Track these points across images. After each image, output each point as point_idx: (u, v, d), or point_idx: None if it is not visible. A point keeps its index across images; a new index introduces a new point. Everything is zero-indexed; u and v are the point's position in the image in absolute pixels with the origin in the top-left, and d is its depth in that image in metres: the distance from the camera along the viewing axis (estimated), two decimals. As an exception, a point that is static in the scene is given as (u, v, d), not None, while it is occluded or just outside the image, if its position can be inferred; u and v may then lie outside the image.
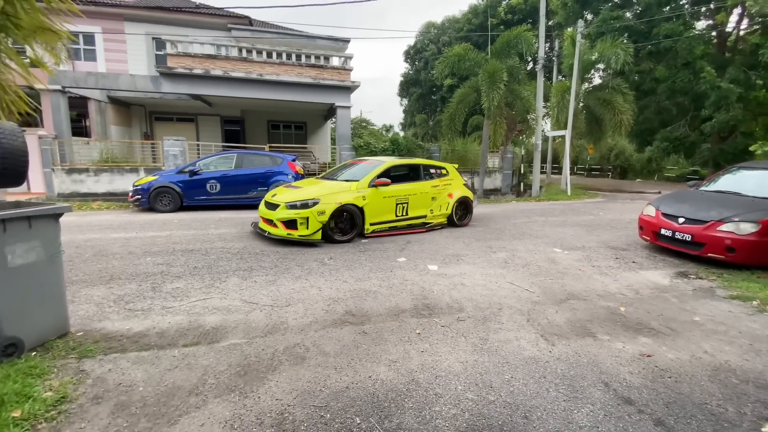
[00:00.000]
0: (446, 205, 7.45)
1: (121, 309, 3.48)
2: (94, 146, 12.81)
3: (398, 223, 6.88)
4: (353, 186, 6.43)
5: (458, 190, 7.65)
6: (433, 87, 42.60)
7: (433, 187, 7.31)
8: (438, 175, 7.53)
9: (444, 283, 4.35)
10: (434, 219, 7.32)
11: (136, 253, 5.27)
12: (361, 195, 6.33)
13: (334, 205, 5.99)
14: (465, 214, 7.81)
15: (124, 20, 16.14)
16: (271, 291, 3.99)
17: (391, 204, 6.73)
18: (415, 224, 7.10)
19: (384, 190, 6.62)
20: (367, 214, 6.40)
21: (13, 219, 2.57)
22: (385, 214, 6.69)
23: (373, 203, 6.45)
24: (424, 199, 7.17)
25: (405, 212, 6.93)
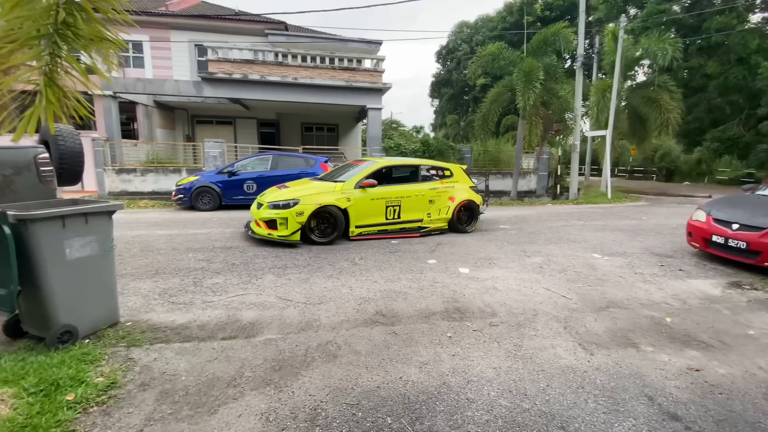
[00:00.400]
0: (446, 209, 6.95)
1: (165, 302, 3.68)
2: (141, 148, 13.61)
3: (389, 226, 6.56)
4: (338, 187, 6.26)
5: (462, 194, 7.11)
6: (465, 87, 42.05)
7: (432, 190, 6.90)
8: (439, 177, 7.14)
9: (476, 286, 4.28)
10: (432, 223, 6.88)
11: (179, 249, 5.55)
12: (345, 196, 6.14)
13: (313, 206, 5.87)
14: (470, 220, 7.23)
15: (170, 29, 17.06)
16: (305, 289, 4.08)
17: (380, 206, 6.44)
18: (409, 228, 6.70)
19: (372, 191, 6.36)
20: (353, 216, 6.19)
21: (71, 215, 2.78)
22: (373, 217, 6.43)
23: (359, 205, 6.23)
24: (420, 202, 6.78)
25: (397, 215, 6.59)
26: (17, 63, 2.52)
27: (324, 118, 20.16)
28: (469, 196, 7.20)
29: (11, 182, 3.66)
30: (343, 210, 6.11)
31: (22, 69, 2.60)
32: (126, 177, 12.39)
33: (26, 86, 2.52)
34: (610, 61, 16.25)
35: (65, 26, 2.21)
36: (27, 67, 2.56)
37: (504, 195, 14.46)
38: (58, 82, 2.22)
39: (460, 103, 43.99)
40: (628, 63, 16.40)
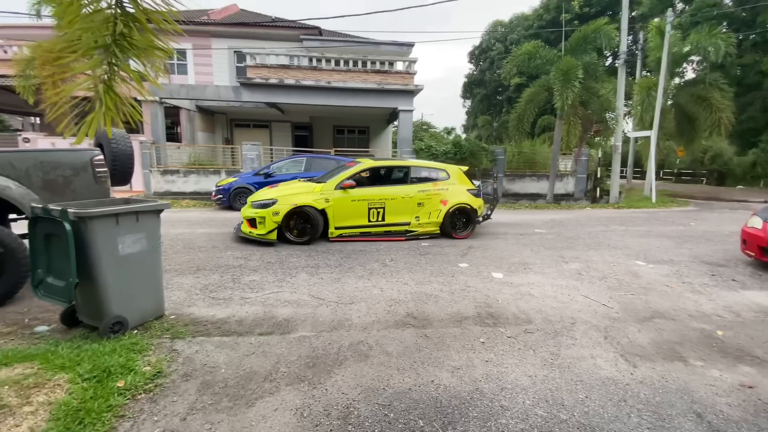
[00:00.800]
0: (437, 212, 6.58)
1: (206, 297, 3.85)
2: (183, 150, 14.33)
3: (372, 228, 6.42)
4: (318, 188, 6.25)
5: (456, 197, 6.67)
6: (499, 87, 41.17)
7: (421, 192, 6.61)
8: (432, 179, 6.83)
9: (509, 292, 4.18)
10: (421, 227, 6.58)
11: (219, 247, 5.79)
12: (323, 197, 6.11)
13: (288, 206, 5.92)
14: (465, 225, 6.78)
15: (211, 36, 17.88)
16: (336, 288, 4.15)
17: (362, 208, 6.32)
18: (394, 231, 6.50)
19: (354, 193, 6.27)
20: (332, 217, 6.16)
21: (124, 213, 2.97)
22: (354, 219, 6.33)
23: (339, 206, 6.18)
24: (407, 205, 6.52)
25: (381, 218, 6.42)
26: (78, 72, 2.73)
27: (355, 120, 20.41)
28: (465, 199, 6.72)
29: (70, 182, 3.97)
30: (321, 211, 6.09)
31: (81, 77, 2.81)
32: (170, 178, 13.08)
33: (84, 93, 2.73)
34: (656, 57, 15.40)
35: (122, 37, 2.37)
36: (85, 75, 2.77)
37: (539, 198, 14.02)
38: (115, 90, 2.38)
39: (493, 103, 43.12)
40: (676, 59, 15.46)
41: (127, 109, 2.50)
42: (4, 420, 2.00)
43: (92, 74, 2.69)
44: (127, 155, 5.14)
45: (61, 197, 3.91)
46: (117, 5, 2.31)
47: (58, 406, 2.12)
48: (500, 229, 7.77)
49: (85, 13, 2.40)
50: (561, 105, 10.37)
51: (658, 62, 14.82)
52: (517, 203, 13.31)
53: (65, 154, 4.01)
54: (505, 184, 14.05)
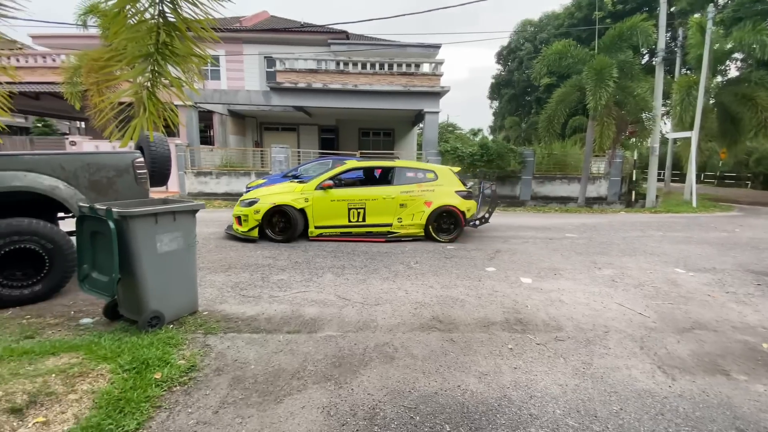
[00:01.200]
0: (420, 214, 6.45)
1: (237, 295, 3.98)
2: (216, 153, 14.86)
3: (352, 229, 6.47)
4: (298, 188, 6.42)
5: (443, 198, 6.48)
6: (528, 87, 40.27)
7: (404, 193, 6.48)
8: (418, 180, 6.67)
9: (539, 298, 4.07)
10: (403, 229, 6.50)
11: (249, 247, 5.96)
12: (303, 197, 6.28)
13: (268, 205, 6.17)
14: (451, 228, 6.57)
15: (243, 43, 18.46)
16: (362, 289, 4.18)
17: (341, 208, 6.38)
18: (375, 232, 6.49)
19: (334, 193, 6.35)
20: (312, 216, 6.31)
21: (163, 213, 3.11)
22: (335, 219, 6.41)
23: (318, 206, 6.32)
24: (388, 206, 6.45)
25: (361, 218, 6.43)
26: (124, 79, 2.89)
27: (380, 123, 20.52)
28: (451, 201, 6.50)
29: (113, 183, 4.20)
30: (300, 210, 6.26)
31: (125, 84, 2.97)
32: (203, 179, 13.59)
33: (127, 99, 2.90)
34: (696, 55, 14.62)
35: (164, 46, 2.49)
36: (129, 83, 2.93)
37: (570, 201, 13.60)
38: (157, 96, 2.51)
39: (522, 104, 42.23)
40: (718, 57, 14.61)
41: (168, 114, 2.62)
42: (51, 407, 2.14)
43: (135, 81, 2.83)
44: (165, 158, 5.39)
45: (104, 197, 4.15)
46: (160, 16, 2.43)
47: (101, 395, 2.25)
48: (528, 233, 7.60)
49: (130, 24, 2.54)
50: (594, 105, 10.01)
51: (698, 60, 14.06)
52: (546, 206, 12.96)
53: (109, 157, 4.25)
54: (534, 186, 13.72)
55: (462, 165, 13.36)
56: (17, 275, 3.67)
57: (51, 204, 3.93)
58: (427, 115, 14.13)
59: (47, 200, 3.83)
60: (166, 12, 2.45)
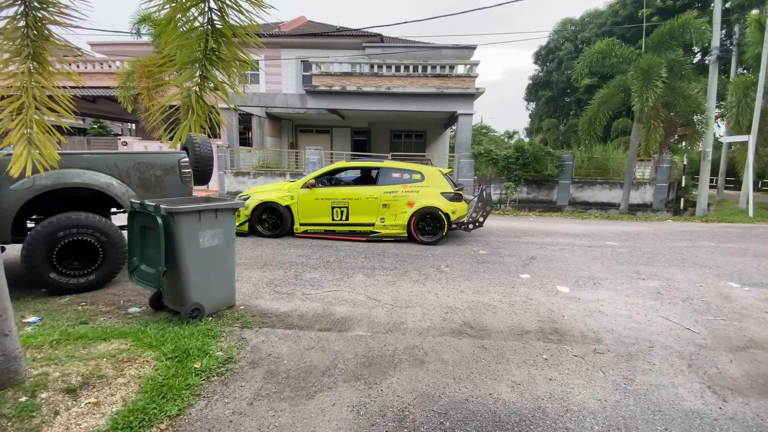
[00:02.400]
0: (403, 215, 6.46)
1: (271, 291, 4.10)
2: (253, 154, 15.41)
3: (336, 227, 6.64)
4: (286, 186, 6.78)
5: (426, 200, 6.41)
6: (567, 89, 38.89)
7: (387, 194, 6.54)
8: (403, 181, 6.68)
9: (577, 307, 3.91)
10: (385, 229, 6.54)
11: (283, 245, 6.14)
12: (289, 195, 6.59)
13: (255, 201, 6.56)
14: (433, 230, 6.46)
15: (281, 47, 19.05)
16: (392, 291, 4.18)
17: (325, 207, 6.59)
18: (358, 231, 6.60)
19: (318, 192, 6.60)
20: (297, 213, 6.60)
21: (206, 210, 3.26)
22: (319, 216, 6.63)
23: (304, 204, 6.59)
24: (371, 206, 6.54)
25: (344, 217, 6.59)
26: (175, 84, 3.07)
27: (412, 125, 20.50)
28: (434, 202, 6.39)
29: (161, 181, 4.47)
30: (286, 207, 6.57)
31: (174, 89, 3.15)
32: (241, 179, 14.12)
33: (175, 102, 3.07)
34: (754, 53, 13.54)
35: (212, 52, 2.62)
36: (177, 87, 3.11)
37: (611, 208, 12.99)
38: (204, 99, 2.64)
39: (560, 106, 40.87)
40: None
41: (214, 117, 2.75)
42: (102, 389, 2.29)
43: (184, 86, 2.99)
44: (208, 158, 5.64)
45: (153, 194, 4.41)
46: (208, 23, 2.56)
47: (146, 380, 2.39)
48: (566, 239, 7.32)
49: (181, 32, 2.69)
50: (640, 107, 9.48)
51: (756, 59, 13.02)
52: (585, 212, 12.45)
53: (157, 156, 4.51)
54: (572, 191, 13.21)
55: (496, 168, 13.11)
56: (75, 265, 3.97)
57: (105, 200, 4.23)
58: (461, 117, 13.96)
59: (102, 196, 4.13)
60: (214, 20, 2.57)
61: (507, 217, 10.61)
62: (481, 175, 12.65)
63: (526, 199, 13.32)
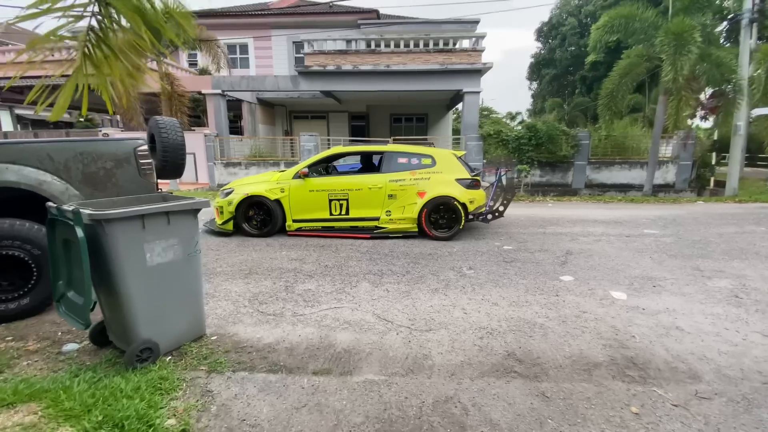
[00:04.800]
0: (412, 206, 5.55)
1: (254, 311, 3.23)
2: (245, 143, 14.42)
3: (335, 223, 5.74)
4: (275, 177, 5.87)
5: (439, 188, 5.51)
6: (570, 66, 37.49)
7: (393, 182, 5.61)
8: (411, 167, 5.71)
9: (645, 322, 3.05)
10: (392, 224, 5.63)
11: (273, 246, 5.26)
12: (279, 187, 5.70)
13: (240, 195, 5.66)
14: (449, 224, 5.58)
15: (270, 28, 17.84)
16: (406, 306, 3.32)
17: (321, 199, 5.67)
18: (360, 227, 5.71)
19: (312, 182, 5.71)
20: (289, 208, 5.73)
21: (152, 215, 2.37)
22: (314, 211, 5.74)
23: (296, 197, 5.70)
24: (374, 197, 5.61)
25: (344, 211, 5.68)
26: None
27: (413, 108, 19.42)
28: (448, 191, 5.49)
29: (112, 175, 3.56)
30: (276, 201, 5.69)
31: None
32: (232, 170, 13.18)
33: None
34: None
35: None
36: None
37: (631, 189, 12.06)
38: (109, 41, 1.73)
39: (564, 84, 39.51)
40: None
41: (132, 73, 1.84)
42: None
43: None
44: (178, 145, 4.69)
45: (102, 192, 3.50)
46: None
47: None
48: (597, 228, 6.43)
49: None
50: (673, 76, 8.45)
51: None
52: (604, 195, 11.52)
53: (106, 145, 3.59)
54: (589, 173, 12.27)
55: (506, 150, 12.14)
56: (2, 286, 3.10)
57: (39, 202, 3.33)
58: (467, 95, 12.91)
59: (34, 197, 3.23)
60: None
61: (522, 203, 9.69)
62: (492, 158, 11.68)
63: (539, 182, 12.39)
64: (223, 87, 13.40)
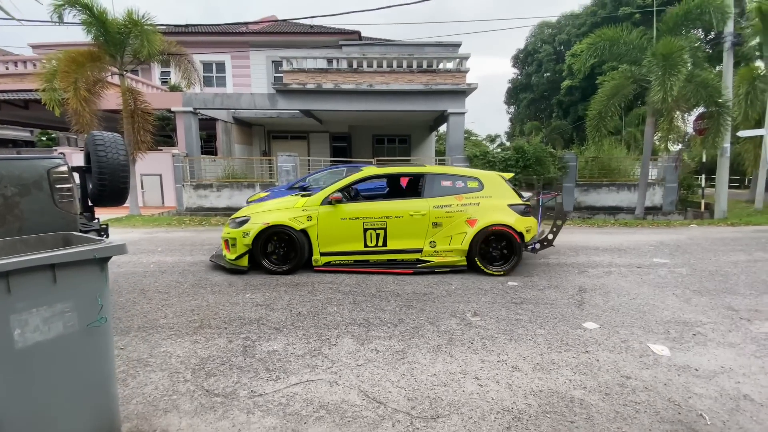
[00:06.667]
0: (461, 236, 4.81)
1: (197, 388, 2.39)
2: (218, 163, 13.54)
3: (370, 256, 4.90)
4: (300, 202, 4.98)
5: (492, 215, 4.83)
6: (546, 91, 38.61)
7: (438, 208, 4.86)
8: (457, 191, 5.02)
9: (706, 391, 2.38)
10: (438, 256, 4.87)
11: (237, 286, 4.41)
12: (305, 214, 4.83)
13: (259, 225, 4.76)
14: (506, 256, 4.90)
15: (249, 47, 17.33)
16: (403, 375, 2.55)
17: (355, 229, 4.83)
18: (400, 261, 4.91)
19: (344, 209, 4.85)
20: (317, 240, 4.84)
21: (23, 270, 1.56)
22: (346, 242, 4.87)
23: (325, 226, 4.83)
24: (417, 225, 4.85)
25: (381, 242, 4.86)
26: None
27: (396, 129, 19.08)
28: (504, 218, 4.83)
29: (14, 205, 2.72)
30: (302, 231, 4.81)
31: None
32: (202, 193, 12.24)
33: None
34: (756, 44, 12.81)
35: None
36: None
37: (619, 212, 11.80)
38: None
39: (541, 108, 40.53)
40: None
41: None
42: None
43: None
44: (119, 166, 3.88)
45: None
46: None
47: None
48: (603, 257, 5.88)
49: None
50: (662, 96, 8.26)
51: (759, 48, 12.25)
52: (593, 218, 11.17)
53: (7, 165, 2.76)
54: (577, 195, 11.98)
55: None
56: None
57: None
58: (452, 116, 12.57)
59: None
60: None
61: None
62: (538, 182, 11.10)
63: (528, 205, 11.97)
64: (195, 104, 12.61)
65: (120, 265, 5.33)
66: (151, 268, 5.20)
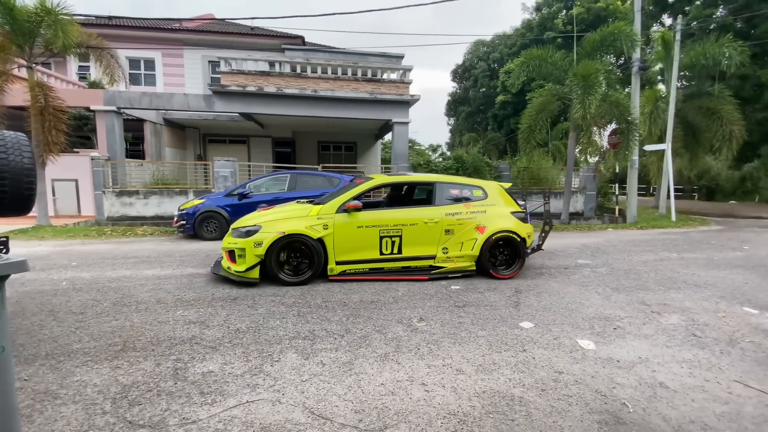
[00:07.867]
0: (472, 242, 5.06)
1: (118, 421, 2.13)
2: (146, 168, 12.46)
3: (385, 263, 4.97)
4: (314, 211, 4.91)
5: (498, 221, 5.14)
6: (482, 105, 41.01)
7: (450, 215, 5.08)
8: (464, 198, 5.29)
9: (627, 381, 2.62)
10: (450, 263, 5.06)
11: (166, 303, 4.04)
12: (321, 223, 4.79)
13: (273, 234, 4.61)
14: (511, 260, 5.22)
15: (183, 46, 16.29)
16: (350, 386, 2.49)
17: (371, 236, 4.90)
18: (414, 267, 5.04)
19: (361, 217, 4.90)
20: (333, 248, 4.82)
21: None
22: (362, 251, 4.91)
23: (342, 234, 4.83)
24: (431, 232, 5.02)
25: (396, 249, 4.97)
26: None
27: (342, 136, 19.02)
28: (509, 225, 5.15)
29: None
30: (318, 240, 4.74)
31: None
32: (127, 200, 11.15)
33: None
34: (659, 69, 14.75)
35: None
36: None
37: (548, 218, 12.76)
38: None
39: (478, 120, 42.87)
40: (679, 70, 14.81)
41: None
42: None
43: None
44: (23, 169, 3.35)
45: None
46: None
47: None
48: (531, 259, 6.31)
49: None
50: (582, 114, 9.18)
51: (660, 73, 14.13)
52: (526, 224, 11.98)
53: None
54: (512, 202, 12.76)
55: (436, 180, 12.13)
56: None
57: None
58: (396, 126, 12.82)
59: None
60: None
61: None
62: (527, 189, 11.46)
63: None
64: (119, 103, 11.52)
65: (24, 283, 4.65)
66: (63, 286, 4.59)
